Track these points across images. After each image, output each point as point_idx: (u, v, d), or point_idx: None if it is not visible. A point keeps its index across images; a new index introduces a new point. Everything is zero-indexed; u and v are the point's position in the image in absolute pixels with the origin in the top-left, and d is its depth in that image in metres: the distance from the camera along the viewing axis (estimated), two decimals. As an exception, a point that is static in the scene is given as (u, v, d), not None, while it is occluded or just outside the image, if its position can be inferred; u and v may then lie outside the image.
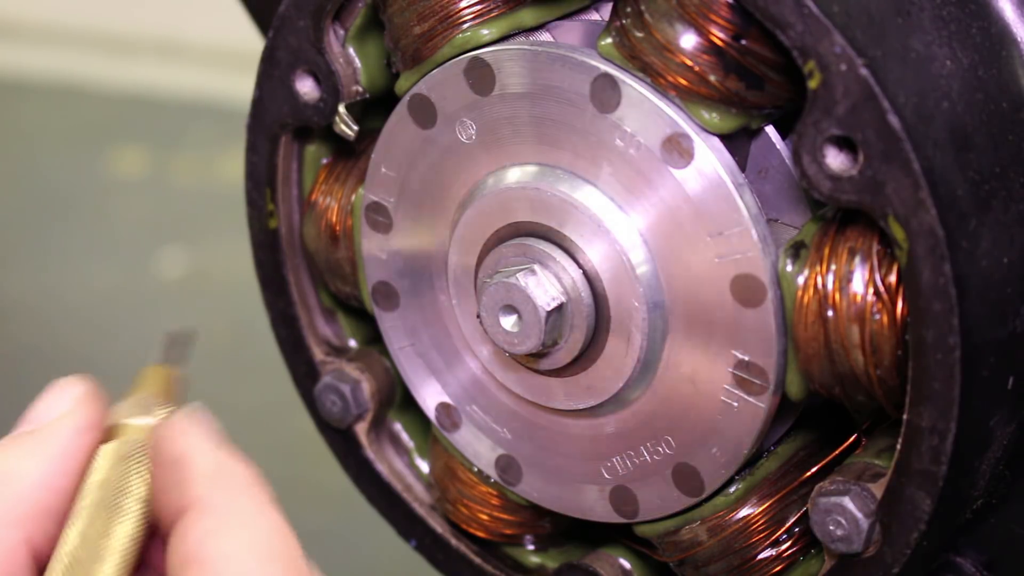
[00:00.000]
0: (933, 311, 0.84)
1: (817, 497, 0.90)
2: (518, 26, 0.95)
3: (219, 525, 0.84)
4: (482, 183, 0.96)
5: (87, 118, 3.70)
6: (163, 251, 3.12)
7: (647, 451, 0.96)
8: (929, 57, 0.87)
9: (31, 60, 3.92)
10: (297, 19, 0.99)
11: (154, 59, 3.86)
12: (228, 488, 0.85)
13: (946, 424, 0.85)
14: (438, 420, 1.03)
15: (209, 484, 0.85)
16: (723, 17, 0.87)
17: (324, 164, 1.05)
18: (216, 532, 0.84)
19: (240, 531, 0.83)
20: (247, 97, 1.03)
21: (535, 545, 1.06)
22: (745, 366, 0.90)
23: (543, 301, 0.92)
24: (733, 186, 0.89)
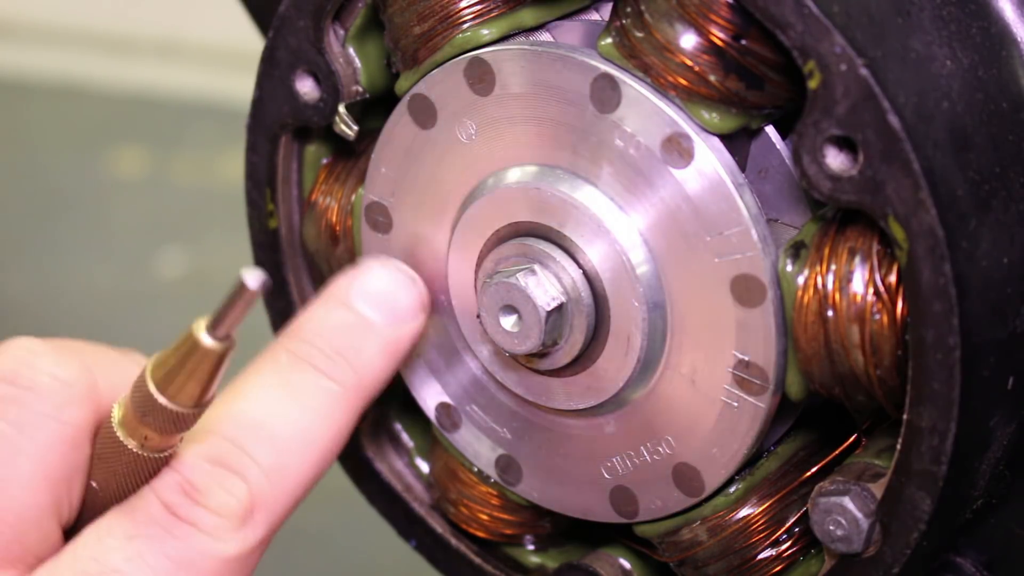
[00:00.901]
0: (933, 311, 0.84)
1: (817, 497, 0.90)
2: (518, 26, 0.95)
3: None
4: (482, 183, 0.96)
5: (87, 118, 3.70)
6: (163, 251, 3.12)
7: (647, 451, 0.96)
8: (929, 57, 0.87)
9: (31, 60, 3.92)
10: (297, 19, 0.99)
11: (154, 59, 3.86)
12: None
13: (946, 424, 0.85)
14: (438, 420, 1.03)
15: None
16: (723, 17, 0.87)
17: (324, 164, 1.05)
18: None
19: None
20: (247, 97, 1.03)
21: (535, 545, 1.06)
22: (745, 366, 0.90)
23: (543, 301, 0.92)
24: (733, 186, 0.89)
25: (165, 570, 0.85)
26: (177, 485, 0.87)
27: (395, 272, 0.95)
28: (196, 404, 0.85)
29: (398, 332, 0.93)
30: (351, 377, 0.91)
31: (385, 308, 0.93)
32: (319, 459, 0.90)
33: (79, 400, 0.89)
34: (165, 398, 0.85)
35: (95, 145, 3.54)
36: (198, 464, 0.87)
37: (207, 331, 0.83)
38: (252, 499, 0.87)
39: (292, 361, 0.91)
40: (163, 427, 0.86)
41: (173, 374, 0.85)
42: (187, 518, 0.86)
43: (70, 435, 0.88)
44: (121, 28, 3.92)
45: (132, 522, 0.87)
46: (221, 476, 0.87)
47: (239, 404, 0.90)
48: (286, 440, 0.89)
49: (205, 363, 0.84)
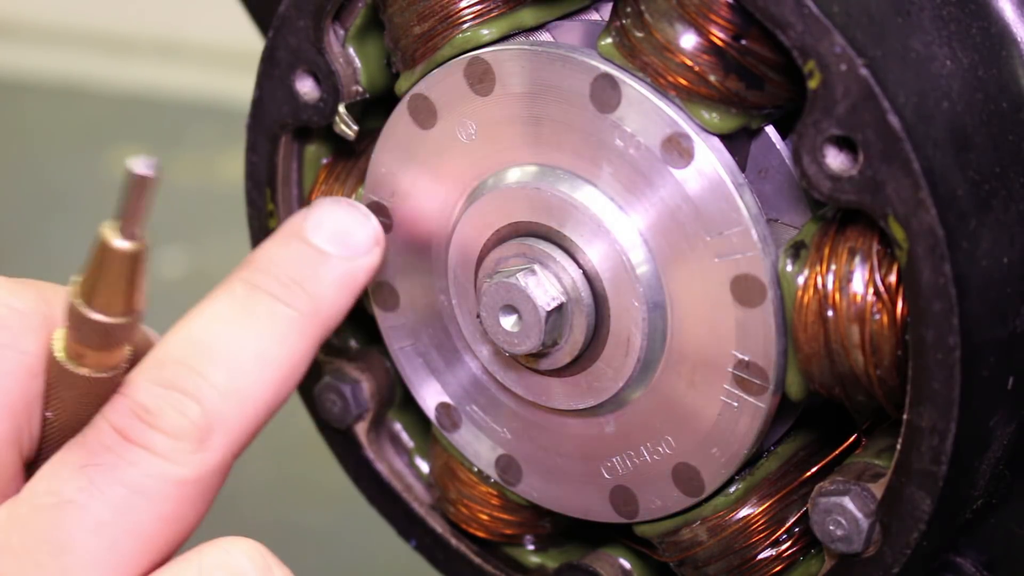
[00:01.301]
0: (933, 311, 0.84)
1: (817, 497, 0.90)
2: (518, 26, 0.95)
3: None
4: (482, 183, 0.96)
5: (87, 118, 3.70)
6: (163, 251, 3.12)
7: (647, 451, 0.96)
8: (929, 57, 0.87)
9: (31, 60, 3.92)
10: (297, 19, 0.99)
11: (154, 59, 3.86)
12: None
13: (946, 424, 0.85)
14: (438, 420, 1.03)
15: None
16: (723, 17, 0.87)
17: (324, 164, 1.05)
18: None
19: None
20: (247, 97, 1.03)
21: (535, 545, 1.06)
22: (745, 366, 0.91)
23: (543, 301, 0.92)
24: (733, 186, 0.89)
25: (119, 497, 0.84)
26: (128, 409, 0.85)
27: (348, 208, 0.94)
28: (124, 313, 0.84)
29: (353, 264, 0.92)
30: (307, 304, 0.90)
31: (339, 241, 0.93)
32: (276, 383, 0.89)
33: (35, 329, 0.88)
34: (91, 310, 0.83)
35: (95, 145, 3.54)
36: (149, 387, 0.86)
37: (117, 233, 0.82)
38: (207, 420, 0.85)
39: (247, 290, 0.90)
40: (96, 341, 0.85)
41: (95, 285, 0.83)
42: (140, 442, 0.85)
43: (28, 364, 0.87)
44: (121, 28, 3.92)
45: (85, 451, 0.85)
46: (174, 398, 0.86)
47: (192, 330, 0.89)
48: (241, 361, 0.88)
49: (122, 267, 0.82)
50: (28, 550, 0.84)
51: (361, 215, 0.94)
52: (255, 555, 0.86)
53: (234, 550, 0.86)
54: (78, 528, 0.84)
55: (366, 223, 0.93)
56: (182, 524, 0.86)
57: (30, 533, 0.84)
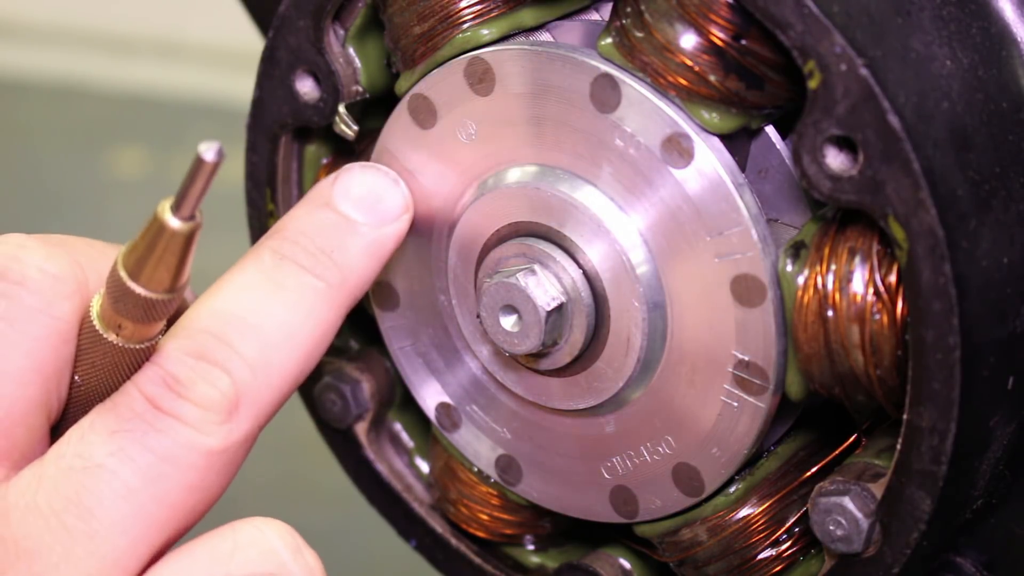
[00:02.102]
0: (933, 311, 0.84)
1: (817, 497, 0.90)
2: (518, 26, 0.95)
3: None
4: (482, 183, 0.96)
5: (87, 118, 3.70)
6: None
7: (647, 451, 0.96)
8: (929, 57, 0.87)
9: (31, 60, 3.92)
10: (297, 19, 0.99)
11: (154, 59, 3.86)
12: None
13: (946, 424, 0.85)
14: (438, 420, 1.03)
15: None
16: (723, 17, 0.87)
17: (324, 164, 1.05)
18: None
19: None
20: (247, 97, 1.03)
21: (535, 545, 1.06)
22: (745, 366, 0.90)
23: (543, 301, 0.92)
24: (733, 186, 0.89)
25: (148, 464, 0.85)
26: (159, 378, 0.86)
27: (377, 173, 0.95)
28: (168, 289, 0.84)
29: (381, 232, 0.94)
30: (335, 274, 0.91)
31: (367, 208, 0.94)
32: (304, 355, 0.90)
33: (69, 294, 0.88)
34: (137, 284, 0.84)
35: (95, 145, 3.55)
36: (181, 358, 0.87)
37: (172, 212, 0.83)
38: (236, 392, 0.87)
39: (275, 259, 0.91)
40: (137, 315, 0.85)
41: (143, 260, 0.84)
42: (170, 411, 0.86)
43: (60, 329, 0.88)
44: (121, 28, 3.92)
45: (115, 417, 0.86)
46: (204, 369, 0.87)
47: (222, 301, 0.89)
48: (270, 334, 0.88)
49: (173, 245, 0.83)
50: (55, 511, 0.84)
51: (391, 180, 0.95)
52: (287, 536, 0.87)
53: (267, 529, 0.87)
54: (107, 492, 0.85)
55: (395, 188, 0.94)
56: (207, 494, 0.87)
57: (58, 495, 0.85)
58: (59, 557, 0.84)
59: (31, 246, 0.88)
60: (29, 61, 3.91)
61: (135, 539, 0.85)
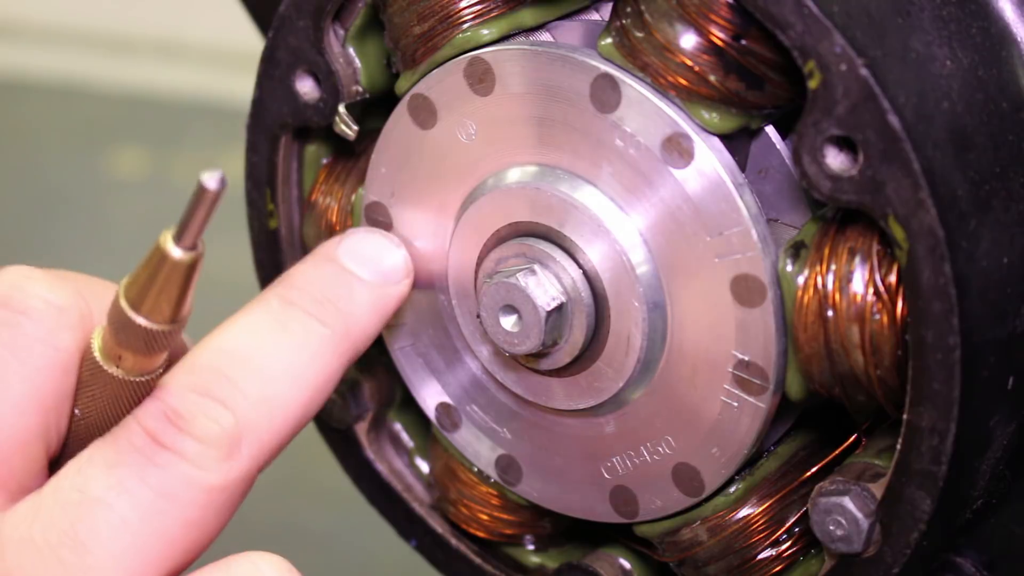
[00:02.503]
0: (933, 311, 0.84)
1: (817, 497, 0.90)
2: (518, 26, 0.95)
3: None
4: (482, 183, 0.96)
5: (87, 118, 3.70)
6: (163, 251, 3.11)
7: (647, 451, 0.96)
8: (929, 57, 0.87)
9: (31, 60, 3.92)
10: (297, 19, 0.99)
11: (154, 59, 3.86)
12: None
13: (946, 424, 0.85)
14: (438, 420, 1.03)
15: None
16: (723, 17, 0.87)
17: (324, 164, 1.05)
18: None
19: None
20: (247, 97, 1.03)
21: (535, 545, 1.06)
22: (745, 366, 0.91)
23: (543, 301, 0.92)
24: (733, 186, 0.89)
25: (147, 499, 0.84)
26: (161, 412, 0.86)
27: (381, 236, 0.97)
28: (170, 320, 0.84)
29: (385, 291, 0.95)
30: (340, 323, 0.92)
31: (372, 266, 0.95)
32: (307, 397, 0.90)
33: (71, 326, 0.88)
34: (138, 315, 0.84)
35: (95, 145, 3.54)
36: (183, 393, 0.87)
37: (174, 242, 0.82)
38: (238, 429, 0.86)
39: (282, 305, 0.91)
40: (138, 346, 0.85)
41: (145, 290, 0.83)
42: (170, 446, 0.85)
43: (62, 360, 0.87)
44: (121, 28, 3.92)
45: (114, 451, 0.86)
46: (206, 405, 0.86)
47: (227, 340, 0.90)
48: (274, 374, 0.89)
49: (175, 275, 0.83)
50: (51, 545, 0.84)
51: (393, 245, 0.96)
52: (283, 571, 0.87)
53: (263, 564, 0.86)
54: (103, 526, 0.84)
55: (398, 252, 0.96)
56: (205, 531, 0.86)
57: (54, 528, 0.84)
58: None
59: (36, 276, 0.89)
60: (29, 61, 3.91)
61: (130, 575, 0.84)
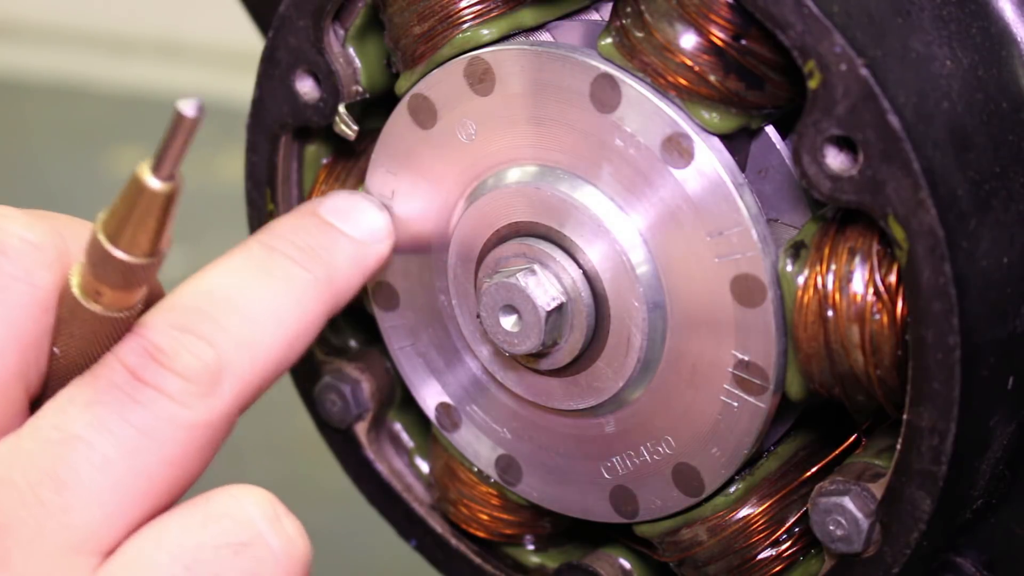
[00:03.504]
0: (933, 311, 0.84)
1: (817, 497, 0.90)
2: (518, 26, 0.95)
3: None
4: (482, 183, 0.96)
5: (87, 118, 3.70)
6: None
7: (647, 451, 0.96)
8: (929, 57, 0.87)
9: (31, 60, 3.92)
10: (297, 19, 0.99)
11: (154, 59, 3.86)
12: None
13: (946, 424, 0.85)
14: (438, 420, 1.03)
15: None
16: (723, 17, 0.87)
17: (324, 164, 1.05)
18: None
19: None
20: (247, 97, 1.03)
21: (535, 545, 1.06)
22: (745, 366, 0.91)
23: (543, 301, 0.92)
24: (733, 186, 0.89)
25: (128, 436, 0.83)
26: (141, 348, 0.85)
27: (363, 196, 0.97)
28: (149, 253, 0.83)
29: (366, 248, 0.94)
30: (322, 271, 0.91)
31: (354, 223, 0.95)
32: (289, 339, 0.89)
33: (49, 263, 0.86)
34: (116, 248, 0.82)
35: (95, 145, 3.54)
36: (164, 329, 0.85)
37: (151, 172, 0.80)
38: (220, 365, 0.85)
39: (264, 251, 0.91)
40: (117, 281, 0.84)
41: (123, 223, 0.82)
42: (151, 382, 0.84)
43: (40, 298, 0.86)
44: (121, 28, 3.92)
45: (94, 388, 0.84)
46: (188, 341, 0.85)
47: (208, 281, 0.89)
48: (257, 313, 0.88)
49: (153, 207, 0.81)
50: (30, 484, 0.83)
51: (374, 206, 0.96)
52: (264, 504, 0.85)
53: (243, 497, 0.85)
54: (83, 464, 0.83)
55: (380, 212, 0.96)
56: (186, 470, 0.85)
57: (33, 467, 0.83)
58: (32, 531, 0.82)
59: (11, 215, 0.87)
60: (29, 61, 3.91)
61: (111, 513, 0.83)
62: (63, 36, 3.96)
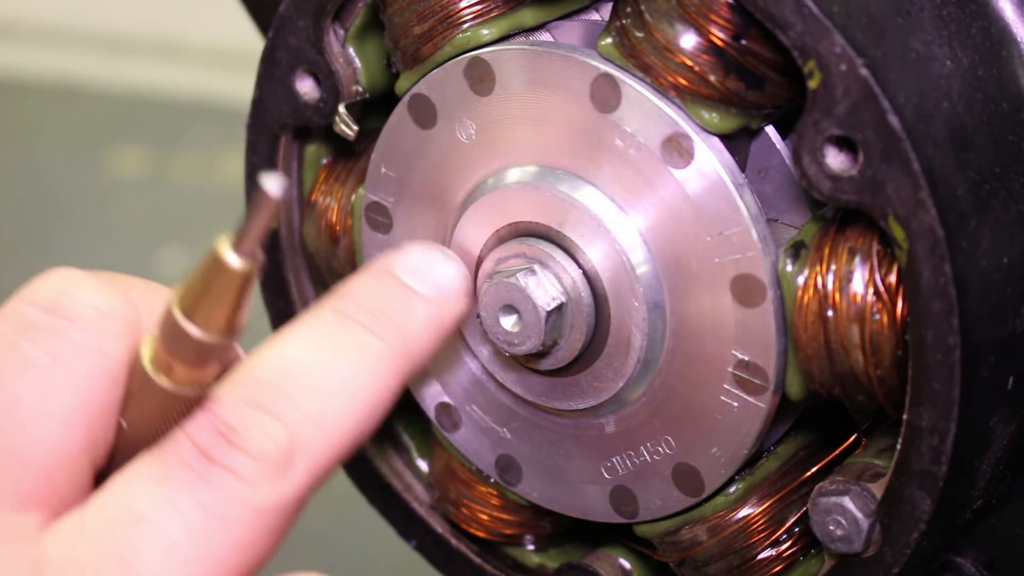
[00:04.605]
0: (933, 311, 0.84)
1: (817, 497, 0.90)
2: (518, 26, 0.95)
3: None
4: (482, 183, 0.96)
5: (87, 118, 3.70)
6: (163, 251, 3.12)
7: (647, 451, 0.96)
8: (929, 57, 0.87)
9: (31, 60, 3.92)
10: (297, 19, 0.99)
11: (154, 59, 3.86)
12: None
13: (946, 424, 0.85)
14: (438, 420, 1.03)
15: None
16: (723, 17, 0.87)
17: (324, 164, 1.05)
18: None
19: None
20: (247, 97, 1.03)
21: (535, 545, 1.06)
22: (745, 366, 0.91)
23: (543, 301, 0.92)
24: (733, 186, 0.89)
25: (196, 518, 0.80)
26: (212, 426, 0.81)
27: (439, 252, 0.91)
28: (225, 332, 0.80)
29: (443, 308, 0.89)
30: (397, 338, 0.87)
31: (430, 283, 0.89)
32: (364, 414, 0.85)
33: (121, 333, 0.84)
34: (191, 325, 0.80)
35: (95, 145, 3.54)
36: (235, 405, 0.82)
37: (231, 249, 0.78)
38: (292, 445, 0.82)
39: (338, 318, 0.86)
40: (190, 358, 0.81)
41: (199, 299, 0.79)
42: (222, 462, 0.81)
43: (110, 369, 0.83)
44: (121, 28, 3.92)
45: (162, 466, 0.81)
46: (260, 418, 0.82)
47: (281, 352, 0.85)
48: (330, 388, 0.84)
49: (231, 285, 0.79)
50: (95, 565, 0.80)
51: (451, 261, 0.90)
52: None
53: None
54: (150, 546, 0.80)
55: (456, 269, 0.90)
56: (255, 554, 0.82)
57: (99, 547, 0.80)
58: None
59: (83, 280, 0.85)
60: (29, 61, 3.91)
61: None
62: (63, 36, 3.96)
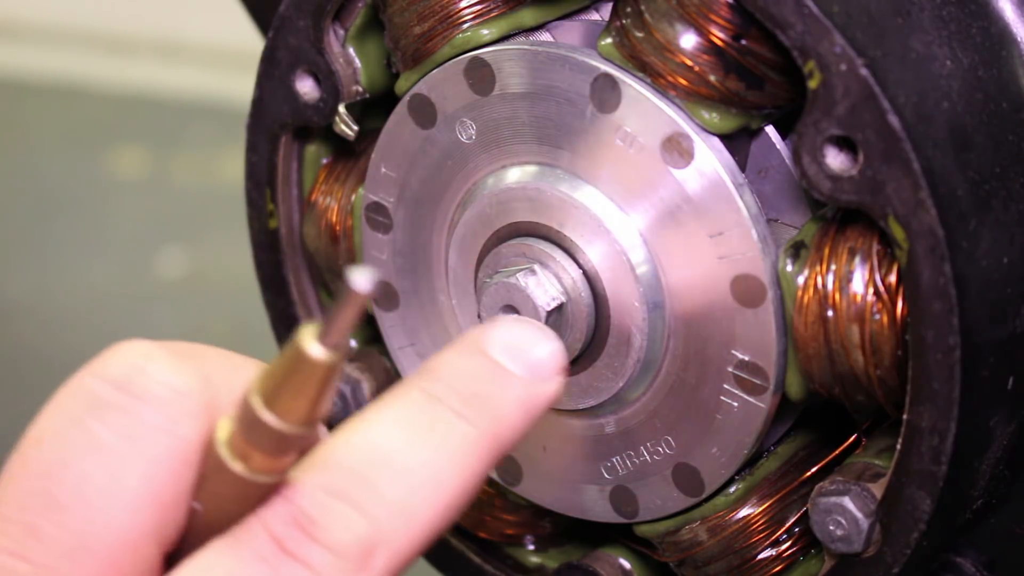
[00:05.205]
0: (933, 311, 0.84)
1: (817, 497, 0.90)
2: (518, 26, 0.95)
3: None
4: (482, 183, 0.96)
5: (87, 118, 3.70)
6: (163, 251, 3.12)
7: (647, 451, 0.96)
8: (929, 57, 0.87)
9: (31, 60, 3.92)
10: (297, 19, 0.99)
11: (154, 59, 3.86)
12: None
13: (946, 424, 0.85)
14: (438, 420, 1.03)
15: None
16: (723, 17, 0.87)
17: (324, 164, 1.05)
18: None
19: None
20: (247, 97, 1.03)
21: (535, 545, 1.06)
22: (745, 366, 0.91)
23: (543, 301, 0.92)
24: (733, 186, 0.89)
25: None
26: (289, 516, 0.77)
27: (533, 328, 0.86)
28: (305, 423, 0.77)
29: (535, 389, 0.84)
30: (487, 423, 0.82)
31: (523, 361, 0.84)
32: (449, 503, 0.80)
33: (195, 413, 0.79)
34: (271, 414, 0.77)
35: (95, 145, 3.54)
36: (315, 494, 0.78)
37: (316, 340, 0.75)
38: (372, 538, 0.77)
39: (426, 399, 0.82)
40: (269, 447, 0.78)
41: (280, 388, 0.76)
42: (298, 555, 0.77)
43: (182, 451, 0.79)
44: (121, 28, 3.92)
45: (236, 556, 0.78)
46: (340, 509, 0.77)
47: (365, 435, 0.80)
48: (415, 477, 0.79)
49: (314, 376, 0.76)
50: None
51: (547, 337, 0.86)
52: None
53: None
54: None
55: (551, 346, 0.85)
56: None
57: None
58: None
59: (156, 356, 0.80)
60: (29, 61, 3.91)
61: None
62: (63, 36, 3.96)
